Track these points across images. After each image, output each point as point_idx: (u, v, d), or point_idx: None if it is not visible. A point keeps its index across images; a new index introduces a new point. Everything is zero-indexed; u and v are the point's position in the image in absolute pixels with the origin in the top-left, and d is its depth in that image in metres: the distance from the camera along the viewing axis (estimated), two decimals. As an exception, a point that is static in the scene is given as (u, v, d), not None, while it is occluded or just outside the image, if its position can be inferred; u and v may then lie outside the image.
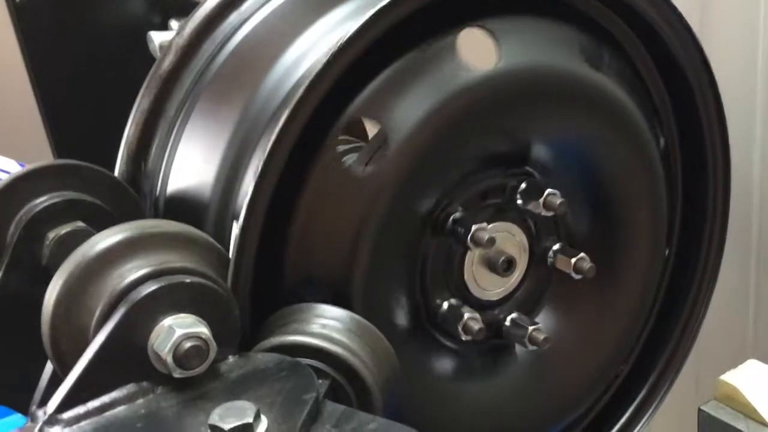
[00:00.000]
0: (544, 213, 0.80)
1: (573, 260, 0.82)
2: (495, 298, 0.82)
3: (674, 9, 0.83)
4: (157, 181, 0.84)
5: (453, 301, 0.79)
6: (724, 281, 0.96)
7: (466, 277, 0.80)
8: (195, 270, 0.63)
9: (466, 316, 0.77)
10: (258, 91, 0.77)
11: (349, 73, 0.69)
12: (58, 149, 1.31)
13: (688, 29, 0.85)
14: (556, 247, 0.83)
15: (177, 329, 0.61)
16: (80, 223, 0.78)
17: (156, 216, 0.84)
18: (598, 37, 0.82)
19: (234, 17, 0.85)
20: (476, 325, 0.77)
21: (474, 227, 0.76)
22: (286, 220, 0.71)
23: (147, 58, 1.25)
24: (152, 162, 0.84)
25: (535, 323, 0.81)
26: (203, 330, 0.61)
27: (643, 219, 0.86)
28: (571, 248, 0.83)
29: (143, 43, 1.25)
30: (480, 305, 0.81)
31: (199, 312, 0.62)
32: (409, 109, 0.72)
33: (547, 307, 0.85)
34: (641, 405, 0.93)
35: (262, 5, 0.85)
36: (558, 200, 0.79)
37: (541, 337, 0.80)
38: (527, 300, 0.84)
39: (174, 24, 1.30)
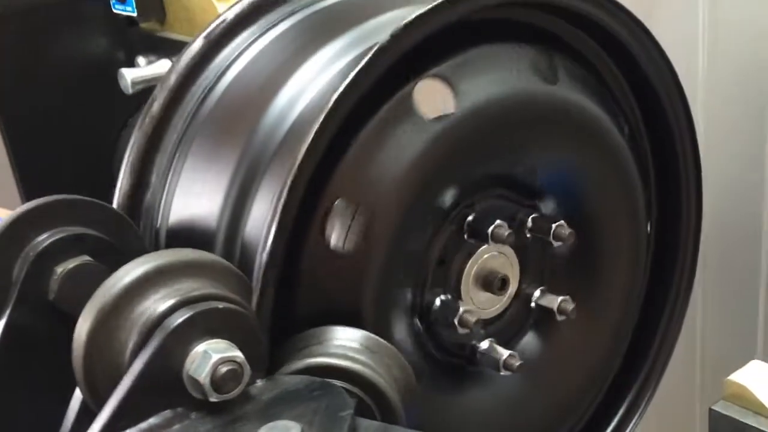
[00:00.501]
0: (492, 245, 0.83)
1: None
2: (506, 305, 0.86)
3: (650, 36, 0.89)
4: (157, 213, 0.85)
5: (486, 343, 0.84)
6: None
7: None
8: (225, 296, 0.65)
9: (505, 356, 0.82)
10: (258, 128, 0.79)
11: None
12: (26, 189, 1.31)
13: (666, 61, 0.90)
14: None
15: (213, 354, 0.62)
16: (87, 258, 0.78)
17: (157, 247, 0.85)
18: (572, 56, 0.87)
19: (226, 53, 0.87)
20: (516, 362, 0.82)
21: (461, 310, 0.80)
22: (299, 247, 0.73)
23: (113, 95, 1.26)
24: (150, 195, 0.86)
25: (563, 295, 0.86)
26: (238, 354, 0.63)
27: (624, 238, 0.91)
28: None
29: (110, 79, 1.25)
30: (498, 317, 0.86)
31: (231, 337, 0.64)
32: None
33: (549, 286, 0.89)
34: (626, 413, 0.97)
35: (253, 41, 0.87)
36: (505, 232, 0.81)
37: (571, 306, 0.86)
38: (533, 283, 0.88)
39: (141, 61, 1.31)
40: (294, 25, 0.88)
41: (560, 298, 0.86)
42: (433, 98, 0.77)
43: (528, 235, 0.85)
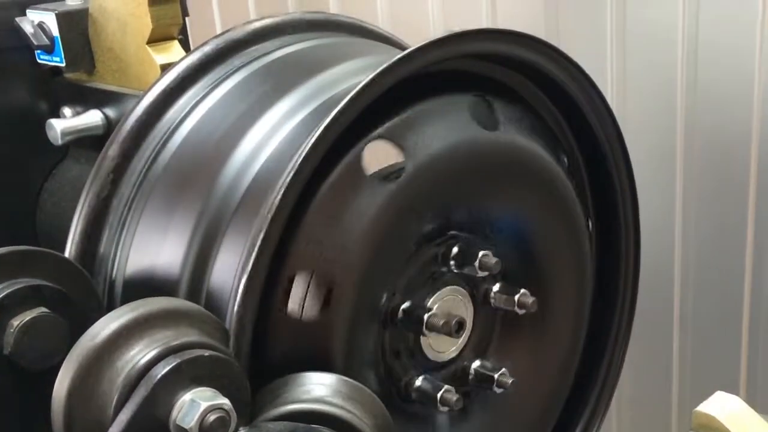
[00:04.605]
0: (480, 274, 0.85)
1: (516, 297, 0.86)
2: (453, 355, 0.87)
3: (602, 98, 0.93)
4: (113, 264, 0.84)
5: (422, 378, 0.84)
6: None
7: (424, 349, 0.85)
8: (210, 344, 0.65)
9: (442, 391, 0.82)
10: (217, 183, 0.79)
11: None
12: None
13: (613, 120, 0.95)
14: (496, 288, 0.88)
15: (201, 402, 0.61)
16: (44, 309, 0.76)
17: (113, 298, 0.83)
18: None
19: (179, 106, 0.87)
20: (453, 397, 0.82)
21: (426, 315, 0.81)
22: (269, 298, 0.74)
23: (36, 146, 1.23)
24: (105, 247, 0.84)
25: (501, 369, 0.87)
26: (225, 401, 0.62)
27: (569, 275, 0.94)
28: (510, 286, 0.88)
29: (33, 130, 1.22)
30: (441, 366, 0.86)
31: (217, 384, 0.63)
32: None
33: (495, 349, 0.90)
34: None
35: (206, 95, 0.87)
36: (492, 260, 0.84)
37: (509, 380, 0.86)
38: (479, 346, 0.89)
39: (67, 111, 1.28)
40: (247, 77, 0.88)
41: (499, 372, 0.87)
42: (382, 159, 0.79)
43: (493, 304, 0.87)
